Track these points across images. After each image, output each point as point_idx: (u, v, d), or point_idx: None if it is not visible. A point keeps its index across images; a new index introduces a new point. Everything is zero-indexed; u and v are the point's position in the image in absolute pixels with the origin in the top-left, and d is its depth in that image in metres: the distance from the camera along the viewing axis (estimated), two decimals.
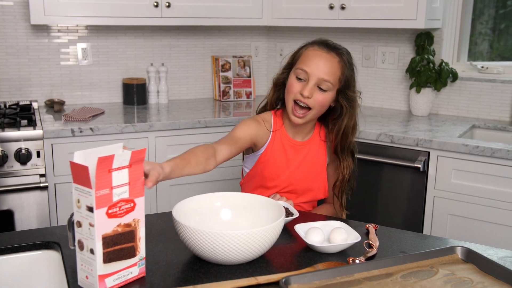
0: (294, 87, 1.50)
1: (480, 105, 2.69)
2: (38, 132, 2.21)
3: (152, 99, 2.96)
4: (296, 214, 1.38)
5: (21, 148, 2.17)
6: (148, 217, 1.44)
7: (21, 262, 1.24)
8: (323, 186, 1.68)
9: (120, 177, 1.03)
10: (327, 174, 1.69)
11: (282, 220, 1.16)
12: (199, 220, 1.27)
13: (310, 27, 2.99)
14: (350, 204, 2.43)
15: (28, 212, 2.21)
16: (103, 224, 1.02)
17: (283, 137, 1.60)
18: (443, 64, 2.65)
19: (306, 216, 1.45)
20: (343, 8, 2.63)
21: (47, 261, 1.24)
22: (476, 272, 1.11)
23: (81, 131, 2.30)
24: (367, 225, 1.37)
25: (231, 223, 1.29)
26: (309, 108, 1.51)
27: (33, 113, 2.47)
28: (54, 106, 2.65)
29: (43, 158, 2.23)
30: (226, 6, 2.77)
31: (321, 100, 1.50)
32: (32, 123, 2.31)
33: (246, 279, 1.07)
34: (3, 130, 2.16)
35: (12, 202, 2.18)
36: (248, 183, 1.69)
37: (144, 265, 1.12)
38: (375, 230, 1.35)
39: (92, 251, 1.03)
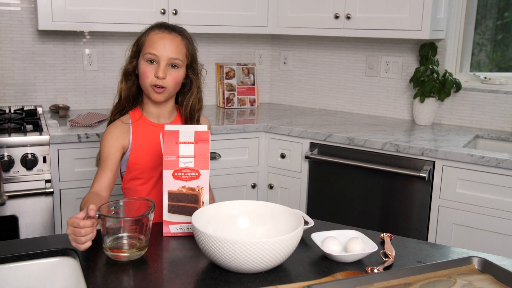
0: (148, 72, 1.55)
1: (483, 115, 2.71)
2: (44, 137, 2.21)
3: None
4: (311, 223, 1.39)
5: (27, 153, 2.16)
6: None
7: (37, 269, 1.23)
8: None
9: (186, 150, 1.30)
10: None
11: (301, 229, 1.17)
12: (217, 228, 1.27)
13: (315, 36, 3.01)
14: (353, 213, 2.45)
15: (32, 218, 2.20)
16: (169, 182, 1.30)
17: (147, 125, 1.63)
18: (447, 74, 2.67)
19: (321, 225, 1.45)
20: (348, 18, 2.65)
21: (64, 268, 1.23)
22: (493, 282, 1.12)
23: (87, 137, 2.30)
24: (382, 235, 1.37)
25: (249, 231, 1.30)
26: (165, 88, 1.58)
27: (39, 118, 2.46)
28: (59, 112, 2.64)
29: (49, 163, 2.22)
30: (232, 14, 2.78)
31: (175, 77, 1.57)
32: (38, 129, 2.30)
33: None
34: (9, 135, 2.16)
35: (17, 207, 2.17)
36: (129, 183, 1.65)
37: None
38: (390, 239, 1.36)
39: None
